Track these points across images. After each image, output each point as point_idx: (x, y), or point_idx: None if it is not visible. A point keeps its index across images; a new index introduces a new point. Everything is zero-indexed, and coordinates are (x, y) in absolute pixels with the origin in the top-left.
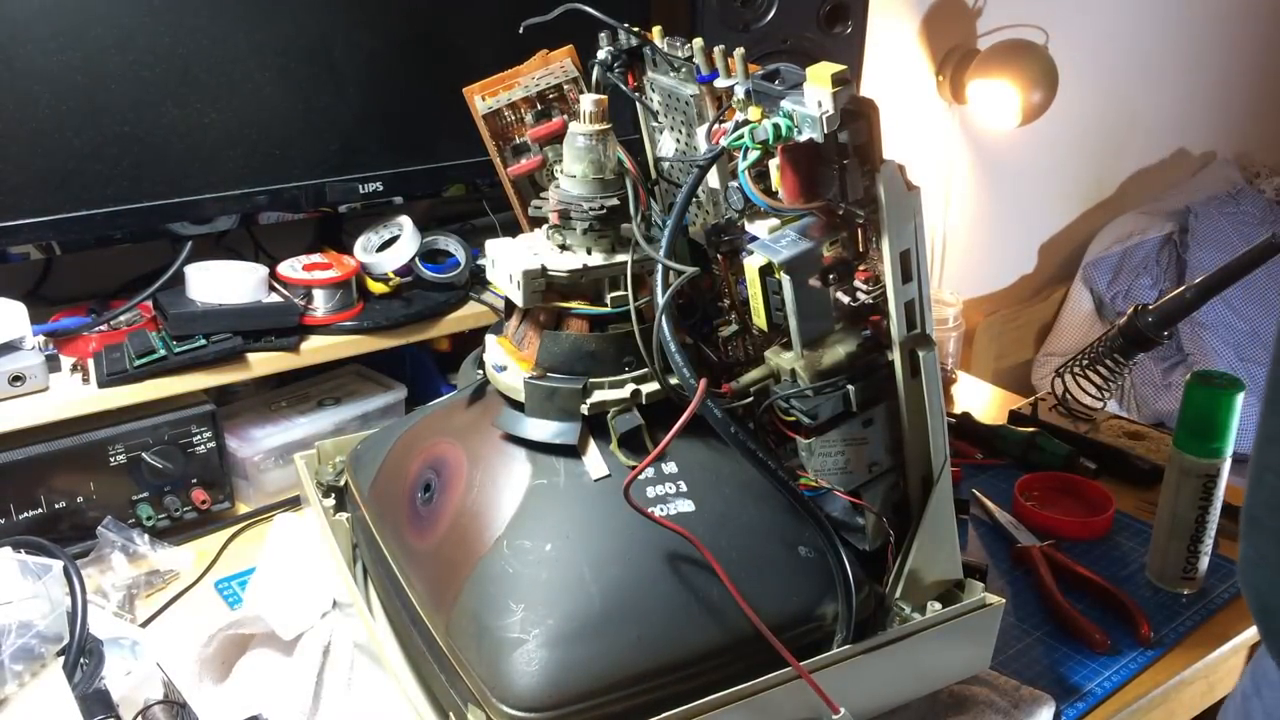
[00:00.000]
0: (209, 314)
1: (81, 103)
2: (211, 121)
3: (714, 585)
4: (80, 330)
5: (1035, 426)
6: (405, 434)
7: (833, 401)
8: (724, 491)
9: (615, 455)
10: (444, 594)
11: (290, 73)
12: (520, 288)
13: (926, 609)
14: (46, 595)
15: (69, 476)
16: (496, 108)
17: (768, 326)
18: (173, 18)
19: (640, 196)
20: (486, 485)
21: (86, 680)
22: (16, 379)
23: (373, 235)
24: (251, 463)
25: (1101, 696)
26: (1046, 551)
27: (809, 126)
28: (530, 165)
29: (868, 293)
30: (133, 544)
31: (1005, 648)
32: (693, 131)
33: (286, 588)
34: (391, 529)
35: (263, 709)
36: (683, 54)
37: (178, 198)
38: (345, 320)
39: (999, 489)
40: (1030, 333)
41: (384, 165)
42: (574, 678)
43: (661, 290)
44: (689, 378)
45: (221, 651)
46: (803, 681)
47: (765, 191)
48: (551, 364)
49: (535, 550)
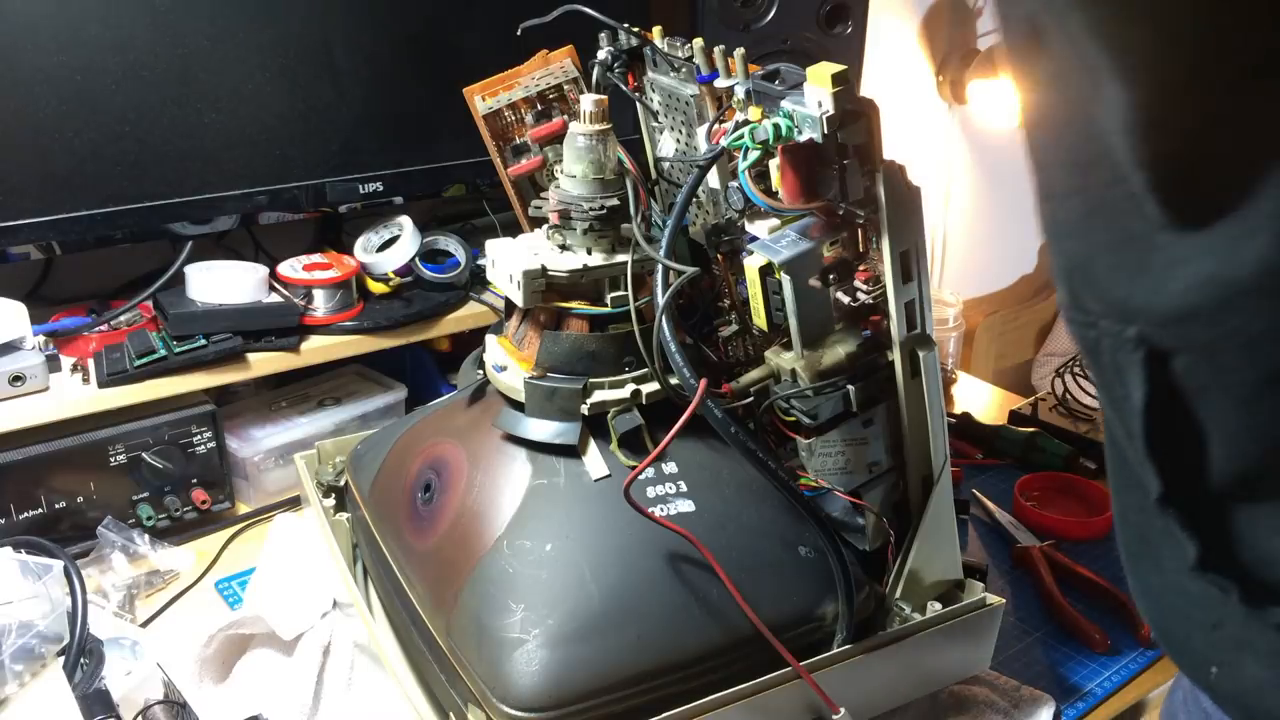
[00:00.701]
0: (209, 314)
1: (81, 103)
2: (211, 122)
3: (714, 585)
4: (80, 330)
5: (1035, 426)
6: (405, 434)
7: (833, 401)
8: (724, 491)
9: (615, 455)
10: (444, 594)
11: (290, 73)
12: (520, 288)
13: (926, 609)
14: (47, 595)
15: (69, 476)
16: (497, 108)
17: (768, 326)
18: (173, 18)
19: (640, 196)
20: (487, 485)
21: (86, 680)
22: (17, 379)
23: (373, 235)
24: (252, 463)
25: (1101, 696)
26: (1046, 551)
27: (809, 126)
28: (530, 165)
29: (868, 293)
30: (133, 544)
31: (1005, 648)
32: (693, 131)
33: (286, 588)
34: (391, 529)
35: (263, 709)
36: (683, 54)
37: (178, 198)
38: (345, 320)
39: (999, 489)
40: (1030, 333)
41: (384, 165)
42: (574, 678)
43: (661, 290)
44: (689, 378)
45: (221, 651)
46: (803, 681)
47: (765, 191)
48: (551, 364)
49: (535, 550)
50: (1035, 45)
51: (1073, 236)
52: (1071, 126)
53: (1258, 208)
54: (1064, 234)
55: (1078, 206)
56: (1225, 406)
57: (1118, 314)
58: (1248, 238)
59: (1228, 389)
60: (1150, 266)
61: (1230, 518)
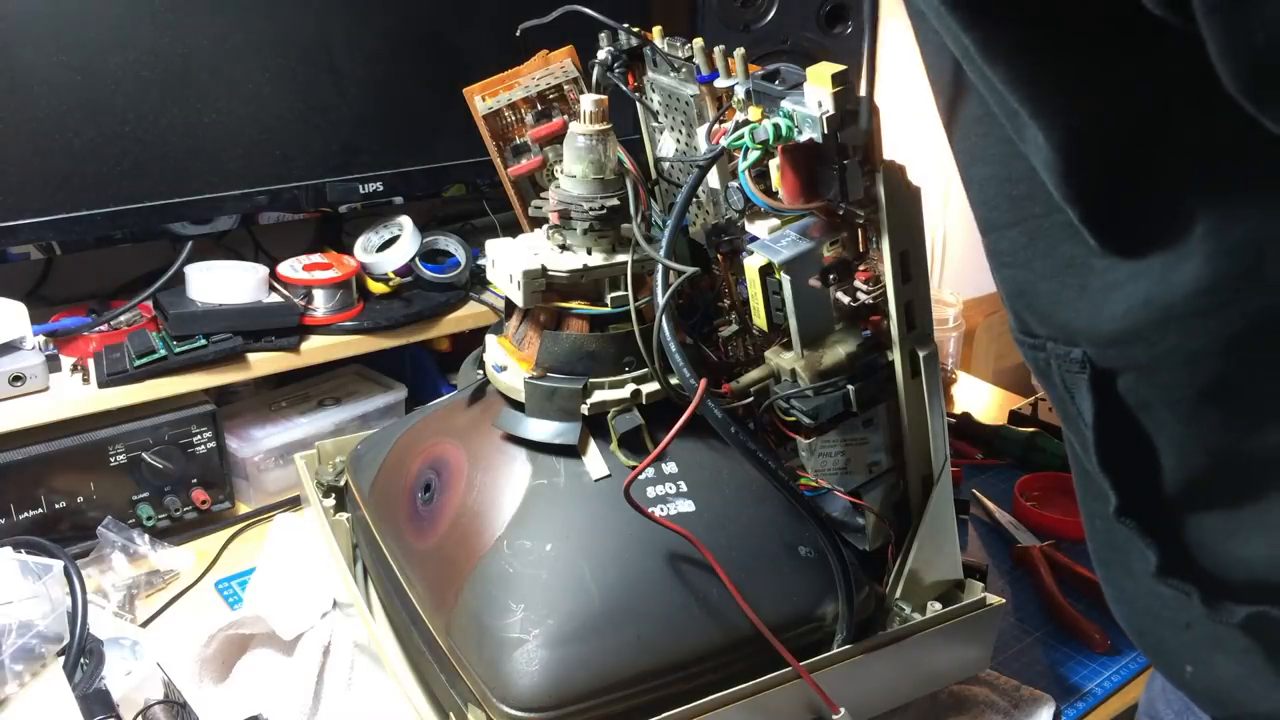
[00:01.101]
0: (209, 314)
1: (81, 103)
2: (211, 121)
3: (714, 585)
4: (80, 330)
5: (1035, 426)
6: (405, 434)
7: (833, 401)
8: (724, 491)
9: (615, 455)
10: (444, 594)
11: (290, 73)
12: (520, 288)
13: (926, 609)
14: (47, 595)
15: (69, 476)
16: (497, 108)
17: (768, 326)
18: (173, 18)
19: (640, 196)
20: (487, 485)
21: (87, 680)
22: (17, 379)
23: (373, 235)
24: (252, 463)
25: (1101, 696)
26: (1046, 551)
27: (809, 126)
28: (530, 165)
29: (868, 293)
30: (133, 544)
31: (1005, 648)
32: (693, 131)
33: (286, 588)
34: (392, 529)
35: (263, 709)
36: (683, 54)
37: (178, 198)
38: (345, 320)
39: (999, 489)
40: None
41: (384, 165)
42: (574, 678)
43: (661, 290)
44: (689, 378)
45: (221, 651)
46: (803, 681)
47: (765, 191)
48: (551, 364)
49: (535, 550)
50: (961, 90)
51: (1014, 265)
52: (1003, 164)
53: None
54: (1005, 263)
55: (1016, 237)
56: (1170, 420)
57: (1062, 336)
58: (1181, 260)
59: (1171, 404)
60: (1089, 290)
61: (1185, 525)
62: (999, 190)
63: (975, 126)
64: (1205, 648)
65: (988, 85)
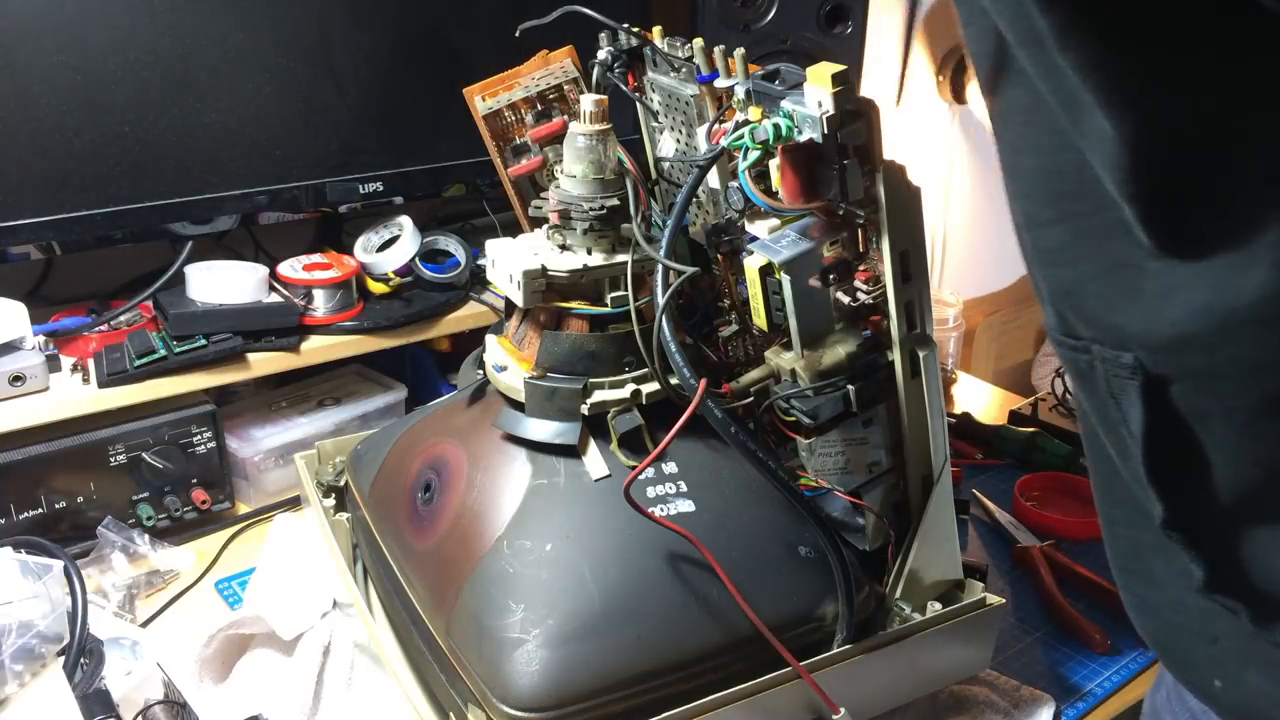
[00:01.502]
0: (209, 314)
1: (81, 103)
2: (211, 121)
3: (714, 585)
4: (80, 330)
5: (1035, 426)
6: (405, 434)
7: (833, 401)
8: (724, 491)
9: (615, 455)
10: (444, 594)
11: (290, 73)
12: (520, 288)
13: (926, 609)
14: (47, 595)
15: (69, 476)
16: (497, 108)
17: (768, 326)
18: (173, 18)
19: (640, 196)
20: (487, 485)
21: (87, 680)
22: (17, 379)
23: (373, 235)
24: (252, 463)
25: (1101, 696)
26: (1046, 551)
27: (809, 126)
28: (530, 165)
29: (868, 293)
30: (133, 544)
31: (1005, 648)
32: (693, 131)
33: (286, 588)
34: (391, 529)
35: (263, 709)
36: (683, 54)
37: (178, 198)
38: (345, 320)
39: (999, 489)
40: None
41: (384, 165)
42: (574, 678)
43: (661, 290)
44: (689, 378)
45: (221, 651)
46: (803, 681)
47: (765, 191)
48: (551, 364)
49: (535, 550)
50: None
51: (1058, 264)
52: (1049, 155)
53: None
54: (1048, 261)
55: (1061, 234)
56: (1225, 430)
57: (1111, 340)
58: (1247, 266)
59: (1227, 414)
60: (1142, 293)
61: (1235, 539)
62: (1044, 184)
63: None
64: (1236, 663)
65: (1052, 72)
